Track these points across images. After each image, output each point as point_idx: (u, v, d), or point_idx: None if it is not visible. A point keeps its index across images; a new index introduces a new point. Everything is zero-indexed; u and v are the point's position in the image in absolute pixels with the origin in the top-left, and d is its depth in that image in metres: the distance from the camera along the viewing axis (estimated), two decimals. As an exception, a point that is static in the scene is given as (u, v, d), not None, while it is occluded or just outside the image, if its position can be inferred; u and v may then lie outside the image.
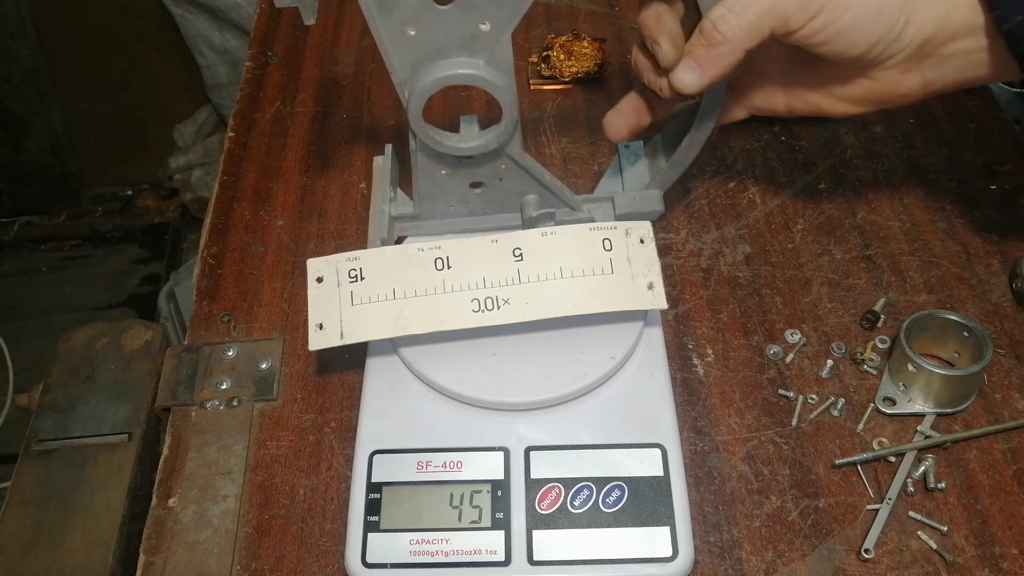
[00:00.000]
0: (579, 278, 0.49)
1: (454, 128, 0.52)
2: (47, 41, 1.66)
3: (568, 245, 0.49)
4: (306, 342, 0.56)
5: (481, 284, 0.49)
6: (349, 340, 0.49)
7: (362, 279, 0.49)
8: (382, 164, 0.58)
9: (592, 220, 0.57)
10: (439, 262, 0.49)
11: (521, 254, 0.49)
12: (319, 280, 0.50)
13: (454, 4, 0.44)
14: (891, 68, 0.49)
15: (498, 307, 0.49)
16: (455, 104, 0.74)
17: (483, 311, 0.49)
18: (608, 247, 0.49)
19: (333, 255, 0.50)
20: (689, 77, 0.48)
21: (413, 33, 0.45)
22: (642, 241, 0.50)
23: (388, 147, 0.58)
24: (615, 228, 0.50)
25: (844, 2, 0.45)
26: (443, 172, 0.53)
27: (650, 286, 0.49)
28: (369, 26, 0.45)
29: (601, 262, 0.49)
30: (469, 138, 0.51)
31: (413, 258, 0.49)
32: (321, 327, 0.49)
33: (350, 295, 0.49)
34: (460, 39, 0.46)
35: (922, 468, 0.50)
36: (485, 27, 0.45)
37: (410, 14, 0.45)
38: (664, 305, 0.49)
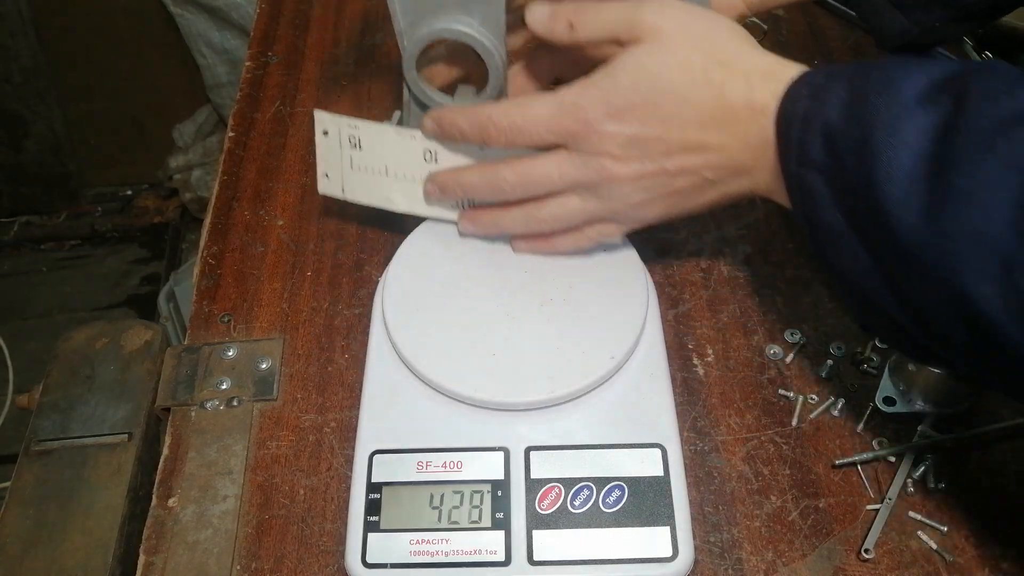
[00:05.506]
0: None
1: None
2: (47, 41, 1.66)
3: None
4: (306, 341, 0.57)
5: None
6: (349, 197, 0.56)
7: (360, 148, 0.54)
8: (395, 119, 0.59)
9: None
10: (428, 154, 0.53)
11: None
12: (325, 133, 0.54)
13: None
14: None
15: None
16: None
17: (463, 206, 0.54)
18: None
19: (338, 116, 0.54)
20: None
21: None
22: None
23: (396, 113, 0.59)
24: None
25: None
26: None
27: None
28: None
29: None
30: (457, 100, 0.54)
31: (406, 143, 0.53)
32: (328, 176, 0.56)
33: (350, 160, 0.55)
34: None
35: (922, 468, 0.50)
36: None
37: None
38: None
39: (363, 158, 0.54)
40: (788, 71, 0.45)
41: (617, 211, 0.50)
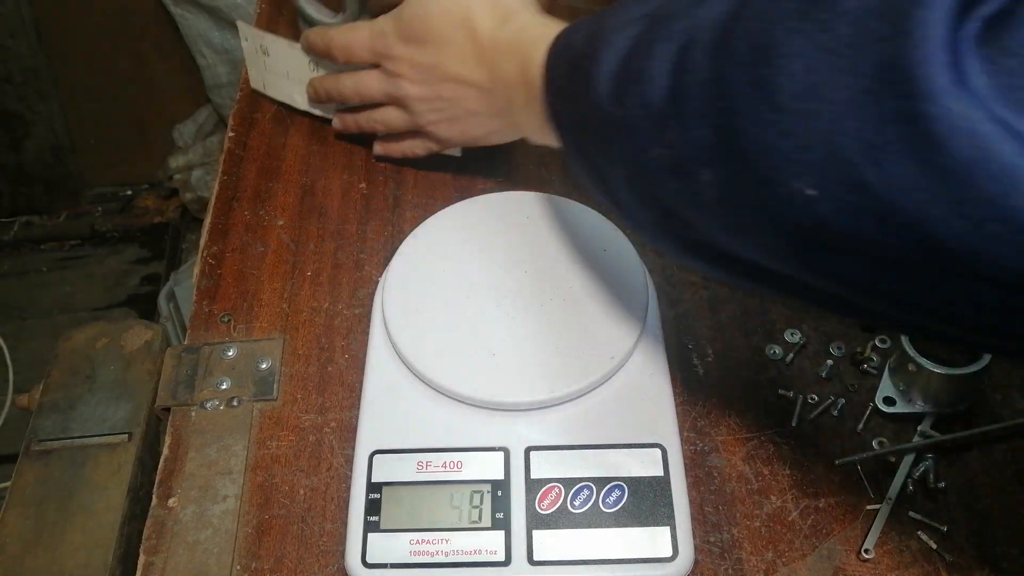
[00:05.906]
0: None
1: None
2: (47, 41, 1.66)
3: None
4: (306, 341, 0.57)
5: None
6: (269, 93, 0.71)
7: (269, 55, 0.68)
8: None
9: None
10: (312, 64, 0.65)
11: None
12: (246, 40, 0.68)
13: None
14: None
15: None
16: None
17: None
18: None
19: (253, 28, 0.68)
20: None
21: None
22: None
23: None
24: None
25: None
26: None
27: None
28: None
29: None
30: (328, 17, 0.67)
31: (296, 54, 0.66)
32: (254, 75, 0.70)
33: (264, 64, 0.68)
34: None
35: (922, 468, 0.50)
36: None
37: None
38: None
39: (272, 63, 0.68)
40: (525, 14, 0.51)
41: (422, 127, 0.60)
